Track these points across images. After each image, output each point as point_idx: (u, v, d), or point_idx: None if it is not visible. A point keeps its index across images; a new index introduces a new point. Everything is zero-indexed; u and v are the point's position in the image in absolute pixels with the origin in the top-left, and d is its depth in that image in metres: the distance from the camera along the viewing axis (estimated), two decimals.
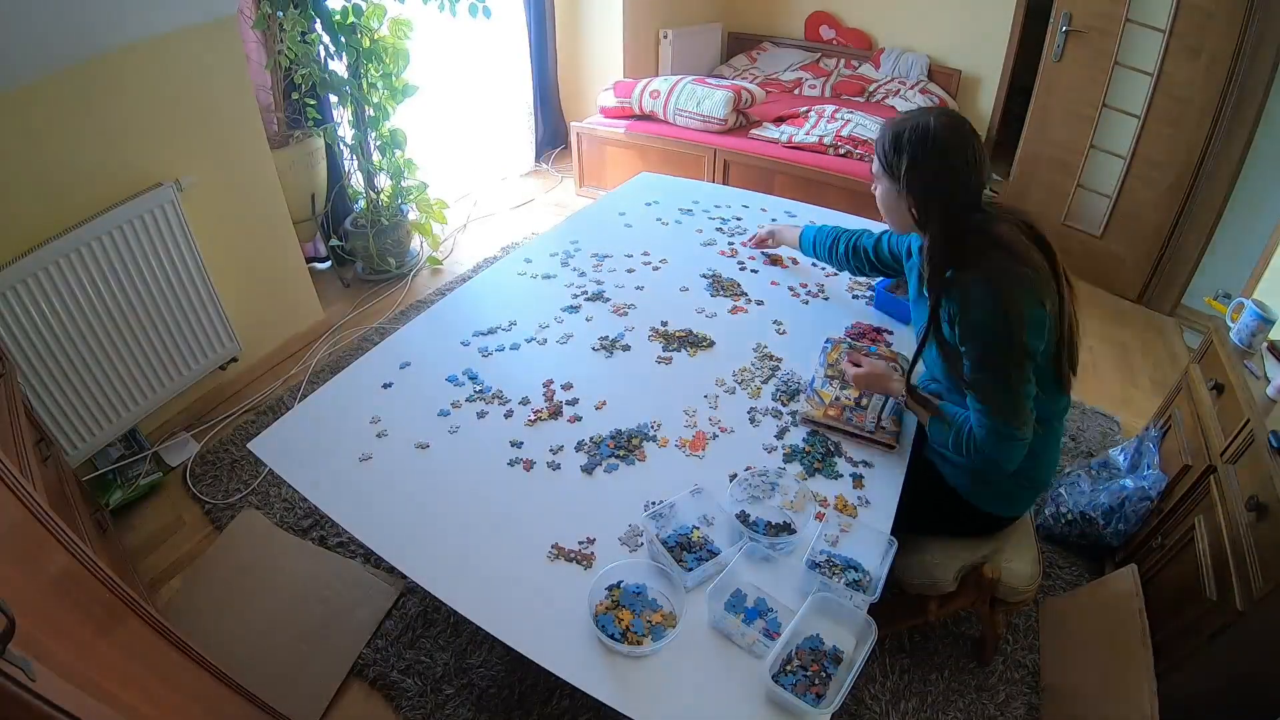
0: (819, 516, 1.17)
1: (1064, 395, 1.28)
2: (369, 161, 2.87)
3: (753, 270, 1.89)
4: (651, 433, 1.35)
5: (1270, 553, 1.26)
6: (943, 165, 1.17)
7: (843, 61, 4.37)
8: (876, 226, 2.20)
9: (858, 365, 1.43)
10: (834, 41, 4.49)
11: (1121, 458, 1.90)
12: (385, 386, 1.46)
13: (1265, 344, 1.65)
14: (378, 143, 2.85)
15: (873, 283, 1.83)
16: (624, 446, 1.32)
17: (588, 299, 1.75)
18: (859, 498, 1.23)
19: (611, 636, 0.97)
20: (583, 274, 1.86)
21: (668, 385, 1.49)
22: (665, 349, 1.59)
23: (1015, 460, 1.19)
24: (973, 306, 1.14)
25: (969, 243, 1.17)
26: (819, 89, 4.15)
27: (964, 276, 1.15)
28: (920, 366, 1.37)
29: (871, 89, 4.06)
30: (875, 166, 1.28)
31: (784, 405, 1.43)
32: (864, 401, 1.40)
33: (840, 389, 1.43)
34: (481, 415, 1.39)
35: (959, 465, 1.33)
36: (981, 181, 1.20)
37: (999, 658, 1.63)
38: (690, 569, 1.07)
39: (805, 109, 3.54)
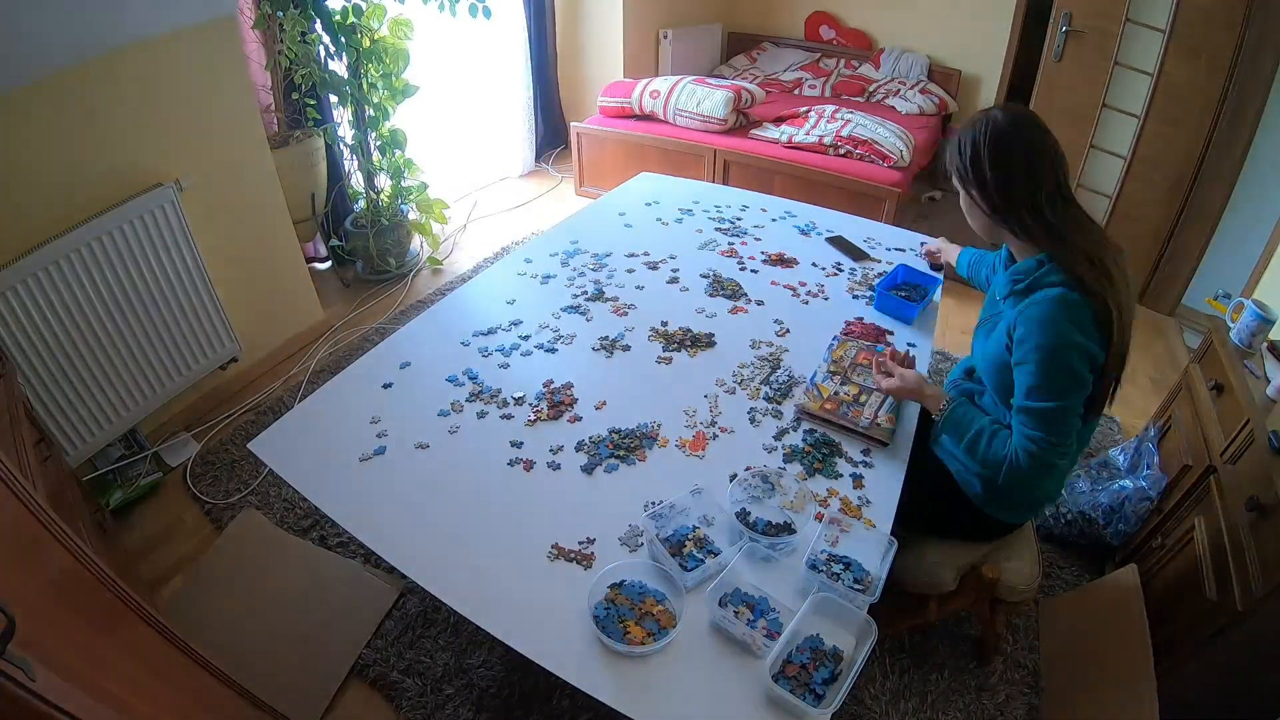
0: (819, 516, 1.17)
1: (1097, 419, 1.25)
2: (369, 161, 2.87)
3: (753, 270, 1.89)
4: (651, 433, 1.35)
5: (1270, 553, 1.26)
6: (1013, 157, 1.15)
7: (843, 61, 4.37)
8: (882, 231, 2.20)
9: (889, 375, 1.38)
10: (834, 41, 4.49)
11: (1121, 458, 1.90)
12: (385, 386, 1.46)
13: (1265, 344, 1.65)
14: (378, 143, 2.85)
15: (874, 283, 1.83)
16: (624, 446, 1.32)
17: (588, 299, 1.75)
18: (859, 498, 1.23)
19: (611, 636, 0.97)
20: (583, 274, 1.86)
21: (668, 385, 1.49)
22: (665, 349, 1.59)
23: (1051, 488, 1.19)
24: (1041, 324, 1.11)
25: (1058, 240, 1.15)
26: (819, 89, 4.15)
27: (1045, 283, 1.14)
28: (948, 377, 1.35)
29: (871, 89, 4.06)
30: (955, 180, 1.24)
31: (782, 405, 1.43)
32: (862, 398, 1.40)
33: (840, 385, 1.44)
34: (481, 415, 1.39)
35: (976, 473, 1.33)
36: (1062, 171, 1.17)
37: (999, 658, 1.63)
38: (690, 569, 1.07)
39: (805, 109, 3.54)
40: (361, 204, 3.01)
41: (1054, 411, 1.13)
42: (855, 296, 1.80)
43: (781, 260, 1.94)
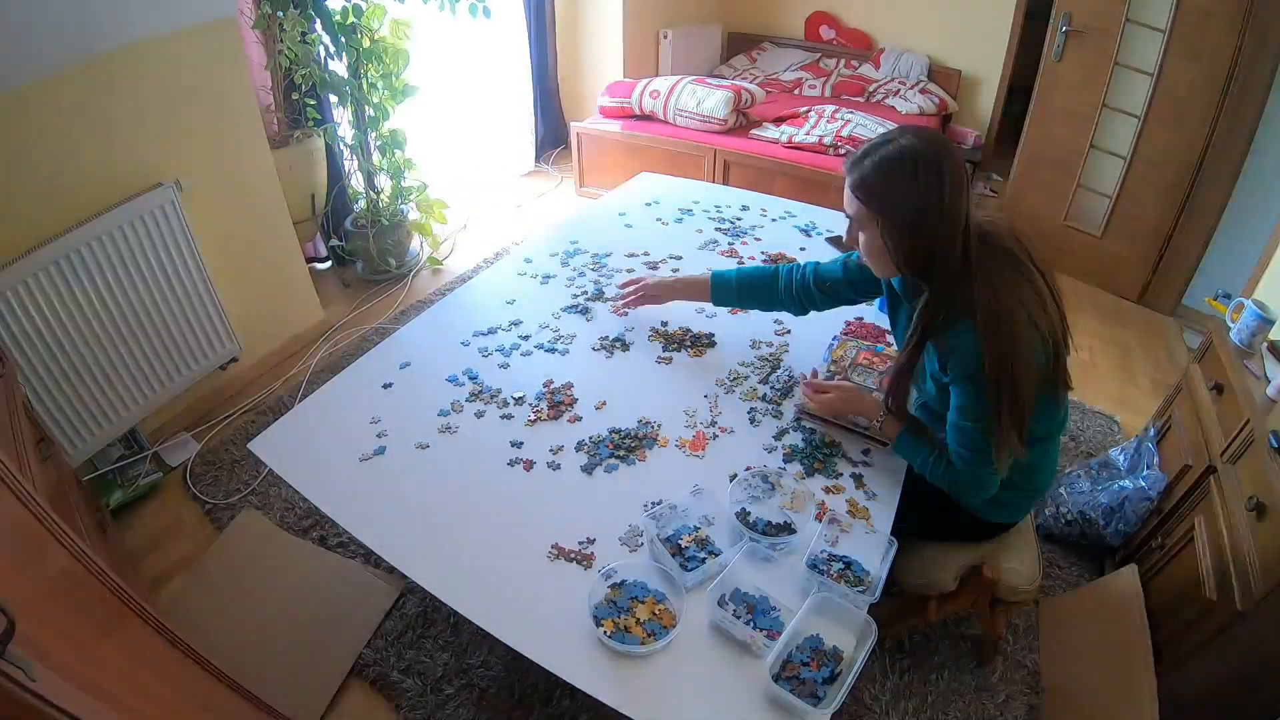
0: (819, 516, 1.17)
1: (1061, 408, 1.26)
2: (369, 161, 2.87)
3: None
4: (651, 433, 1.35)
5: (1270, 553, 1.26)
6: (929, 187, 1.05)
7: (843, 62, 4.37)
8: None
9: (824, 392, 1.34)
10: (834, 41, 4.49)
11: (1121, 458, 1.90)
12: (385, 386, 1.46)
13: (1265, 344, 1.65)
14: (378, 143, 2.85)
15: None
16: (624, 446, 1.32)
17: (588, 299, 1.75)
18: (860, 497, 1.23)
19: (612, 637, 0.97)
20: (583, 274, 1.86)
21: (668, 385, 1.49)
22: (665, 349, 1.59)
23: (986, 494, 1.20)
24: (963, 356, 1.08)
25: (962, 280, 1.08)
26: (819, 89, 4.15)
27: (956, 321, 1.08)
28: (913, 392, 1.30)
29: (871, 89, 4.06)
30: (854, 208, 1.13)
31: (782, 405, 1.43)
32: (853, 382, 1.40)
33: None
34: (481, 415, 1.39)
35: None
36: (965, 202, 1.08)
37: (999, 658, 1.63)
38: (690, 569, 1.07)
39: (805, 109, 3.54)
40: (361, 204, 3.01)
41: (980, 434, 1.12)
42: None
43: (781, 260, 1.94)
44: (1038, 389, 1.11)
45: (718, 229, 2.11)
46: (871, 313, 1.73)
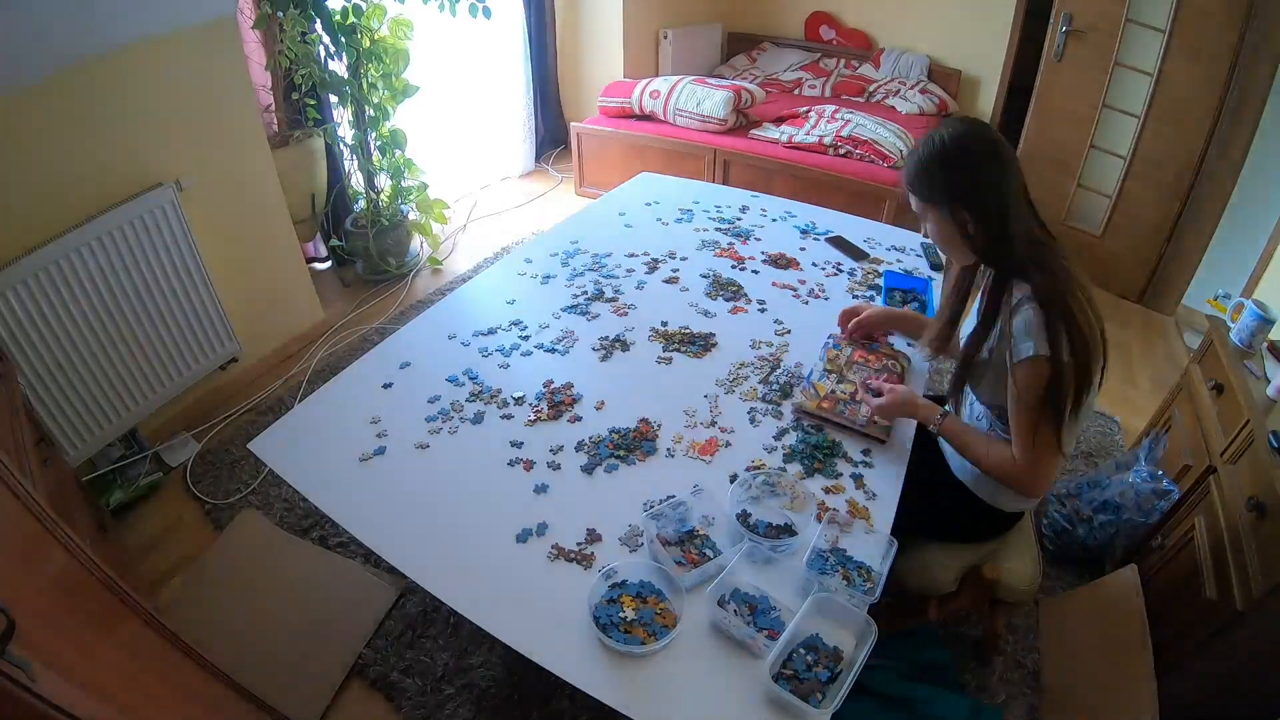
0: (819, 516, 1.17)
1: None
2: (369, 161, 2.87)
3: (753, 271, 1.89)
4: (652, 433, 1.35)
5: (1270, 553, 1.26)
6: (978, 168, 1.16)
7: (843, 61, 4.37)
8: (881, 231, 2.20)
9: (879, 394, 1.36)
10: (834, 42, 4.49)
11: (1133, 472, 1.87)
12: (385, 386, 1.46)
13: (1265, 344, 1.65)
14: (378, 143, 2.85)
15: (874, 283, 1.83)
16: (624, 446, 1.32)
17: (588, 299, 1.75)
18: (860, 497, 1.23)
19: (612, 637, 0.97)
20: (582, 274, 1.86)
21: (668, 385, 1.49)
22: (665, 349, 1.59)
23: (1048, 486, 1.20)
24: (1030, 340, 1.11)
25: (1029, 253, 1.16)
26: (819, 89, 4.16)
27: (1027, 304, 1.14)
28: (968, 401, 1.36)
29: (871, 89, 4.06)
30: (914, 203, 1.24)
31: (782, 405, 1.43)
32: (858, 395, 1.40)
33: (836, 383, 1.44)
34: (481, 415, 1.39)
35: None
36: (1022, 182, 1.19)
37: (999, 658, 1.63)
38: (690, 570, 1.07)
39: (805, 109, 3.54)
40: (361, 204, 3.01)
41: (1046, 424, 1.14)
42: (855, 296, 1.80)
43: (781, 260, 1.94)
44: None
45: (718, 229, 2.11)
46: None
